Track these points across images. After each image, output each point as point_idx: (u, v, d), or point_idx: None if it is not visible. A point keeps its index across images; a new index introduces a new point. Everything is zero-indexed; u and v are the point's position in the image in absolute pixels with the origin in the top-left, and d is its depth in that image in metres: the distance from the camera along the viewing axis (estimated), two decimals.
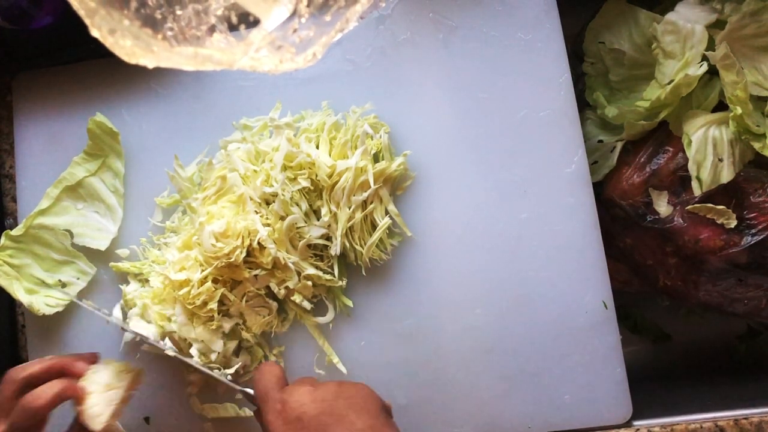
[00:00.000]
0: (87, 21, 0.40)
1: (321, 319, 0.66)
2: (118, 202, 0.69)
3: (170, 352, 0.62)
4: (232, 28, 0.42)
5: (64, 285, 0.68)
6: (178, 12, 0.40)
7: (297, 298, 0.63)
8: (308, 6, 0.41)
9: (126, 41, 0.40)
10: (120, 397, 0.56)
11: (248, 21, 0.42)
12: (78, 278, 0.69)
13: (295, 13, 0.42)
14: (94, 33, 0.40)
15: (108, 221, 0.69)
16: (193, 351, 0.63)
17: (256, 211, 0.62)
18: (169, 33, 0.40)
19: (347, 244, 0.64)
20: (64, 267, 0.69)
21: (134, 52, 0.41)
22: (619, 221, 0.71)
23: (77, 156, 0.69)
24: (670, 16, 0.64)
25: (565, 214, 0.64)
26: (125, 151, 0.71)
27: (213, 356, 0.64)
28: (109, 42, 0.40)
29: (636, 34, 0.69)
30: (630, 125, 0.67)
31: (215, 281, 0.62)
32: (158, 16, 0.40)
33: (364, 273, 0.66)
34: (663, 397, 0.73)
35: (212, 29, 0.41)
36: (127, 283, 0.69)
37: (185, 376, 0.67)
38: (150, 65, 0.42)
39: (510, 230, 0.65)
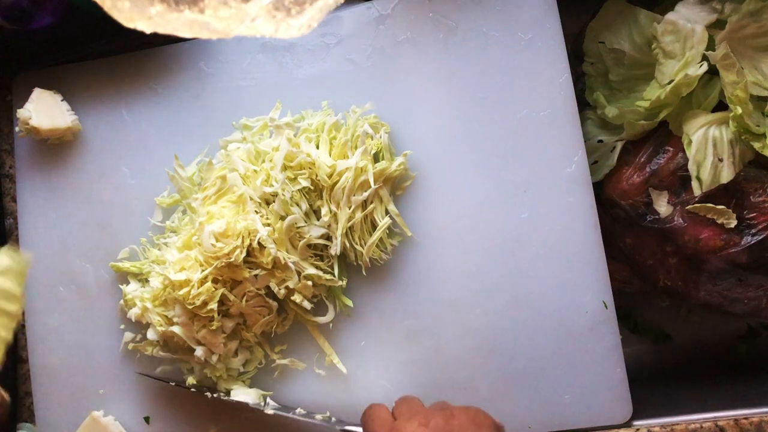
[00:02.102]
0: None
1: (321, 319, 0.66)
2: None
3: (270, 411, 0.63)
4: None
5: None
6: None
7: (297, 298, 0.63)
8: None
9: (124, 3, 0.40)
10: None
11: None
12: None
13: None
14: None
15: None
16: (197, 353, 0.63)
17: (256, 211, 0.62)
18: None
19: (347, 244, 0.64)
20: None
21: (132, 16, 0.41)
22: (619, 221, 0.71)
23: None
24: (670, 16, 0.64)
25: (565, 214, 0.64)
26: (125, 151, 0.71)
27: (214, 358, 0.64)
28: (107, 5, 0.40)
29: (636, 34, 0.69)
30: (630, 125, 0.67)
31: (215, 281, 0.62)
32: None
33: (364, 273, 0.66)
34: (663, 397, 0.73)
35: None
36: (127, 283, 0.69)
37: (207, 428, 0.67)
38: (147, 30, 0.41)
39: (510, 230, 0.65)
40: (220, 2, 0.41)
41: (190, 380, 0.65)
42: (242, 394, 0.64)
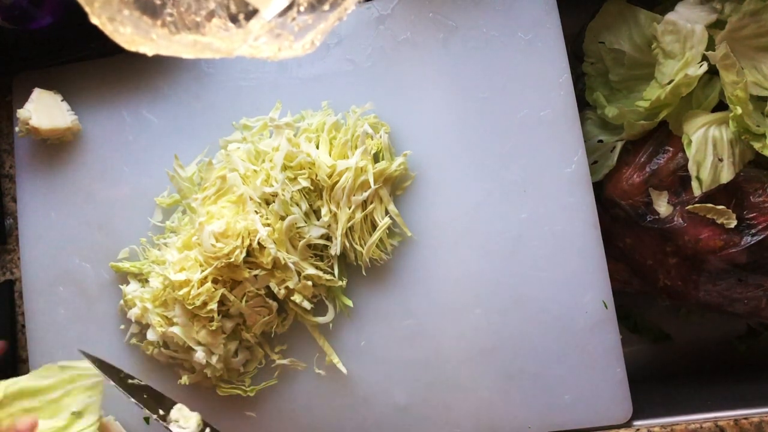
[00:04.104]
0: (86, 8, 0.40)
1: (321, 319, 0.66)
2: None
3: None
4: (231, 16, 0.42)
5: (80, 414, 0.60)
6: None
7: (297, 298, 0.63)
8: None
9: (126, 28, 0.40)
10: None
11: (247, 9, 0.42)
12: (91, 396, 0.61)
13: (293, 2, 0.42)
14: (94, 20, 0.40)
15: None
16: (198, 355, 0.63)
17: (256, 211, 0.62)
18: (169, 19, 0.40)
19: (347, 244, 0.64)
20: (67, 399, 0.61)
21: (134, 39, 0.41)
22: (619, 221, 0.71)
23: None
24: (670, 16, 0.64)
25: (565, 214, 0.64)
26: (125, 151, 0.71)
27: (214, 358, 0.64)
28: (108, 29, 0.40)
29: (636, 34, 0.69)
30: (630, 125, 0.67)
31: (215, 281, 0.62)
32: (157, 1, 0.40)
33: (364, 273, 0.66)
34: (663, 397, 0.73)
35: (211, 15, 0.41)
36: (127, 283, 0.69)
37: None
38: (149, 53, 0.42)
39: (510, 230, 0.65)
40: (221, 23, 0.41)
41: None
42: (182, 417, 0.61)
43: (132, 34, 0.40)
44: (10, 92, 0.75)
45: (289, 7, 0.42)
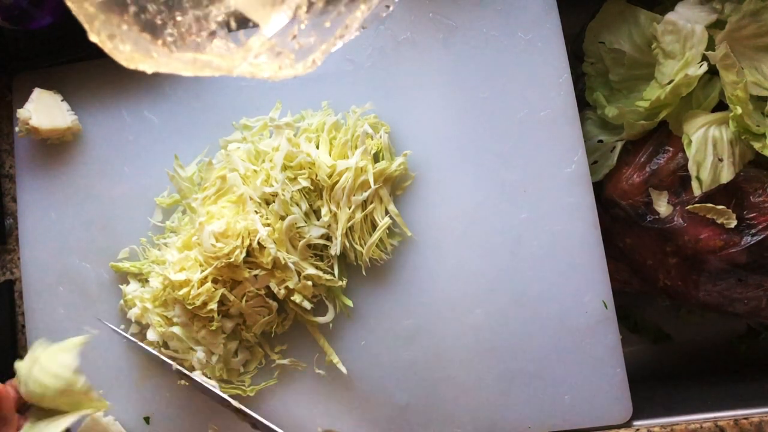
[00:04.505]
0: (86, 26, 0.40)
1: (321, 319, 0.66)
2: None
3: (236, 404, 0.61)
4: (232, 33, 0.42)
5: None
6: (179, 18, 0.40)
7: (297, 298, 0.63)
8: (308, 12, 0.41)
9: (125, 46, 0.40)
10: None
11: (248, 27, 0.42)
12: None
13: (294, 19, 0.41)
14: (93, 38, 0.40)
15: None
16: (198, 355, 0.63)
17: (256, 211, 0.62)
18: (169, 39, 0.40)
19: (347, 244, 0.64)
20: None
21: (133, 57, 0.41)
22: (619, 221, 0.71)
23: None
24: (670, 16, 0.64)
25: (565, 214, 0.64)
26: (125, 151, 0.71)
27: (214, 358, 0.64)
28: (108, 47, 0.40)
29: (636, 34, 0.69)
30: (630, 125, 0.67)
31: (215, 281, 0.62)
32: (158, 21, 0.40)
33: (364, 273, 0.66)
34: (663, 397, 0.73)
35: (213, 35, 0.41)
36: (127, 283, 0.69)
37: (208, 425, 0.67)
38: (149, 71, 0.42)
39: (510, 230, 0.65)
40: (223, 44, 0.41)
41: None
42: (208, 382, 0.62)
43: (131, 51, 0.40)
44: (10, 92, 0.75)
45: (290, 24, 0.41)
